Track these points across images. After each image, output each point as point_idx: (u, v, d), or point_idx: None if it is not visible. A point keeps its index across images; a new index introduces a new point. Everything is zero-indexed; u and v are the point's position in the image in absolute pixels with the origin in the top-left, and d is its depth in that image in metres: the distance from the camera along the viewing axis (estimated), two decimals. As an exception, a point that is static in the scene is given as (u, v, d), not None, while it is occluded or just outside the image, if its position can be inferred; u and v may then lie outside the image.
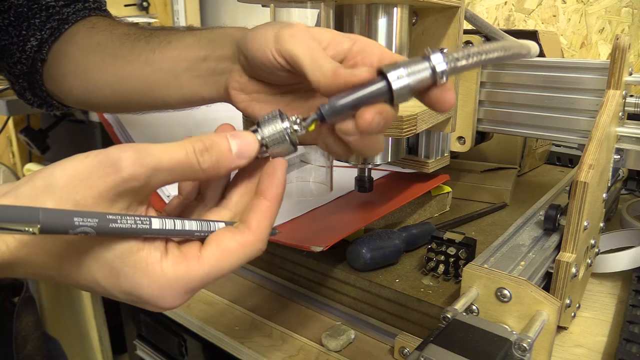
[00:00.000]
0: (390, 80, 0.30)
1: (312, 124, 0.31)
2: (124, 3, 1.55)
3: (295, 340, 0.48)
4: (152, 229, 0.27)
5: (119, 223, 0.25)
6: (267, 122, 0.31)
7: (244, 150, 0.30)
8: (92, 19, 0.55)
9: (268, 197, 0.31)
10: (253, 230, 0.30)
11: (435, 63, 0.30)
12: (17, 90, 0.59)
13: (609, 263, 0.52)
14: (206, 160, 0.29)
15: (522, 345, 0.32)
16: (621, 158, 0.50)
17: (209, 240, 0.30)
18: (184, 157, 0.28)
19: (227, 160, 0.30)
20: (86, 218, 0.24)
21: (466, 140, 0.61)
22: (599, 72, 0.52)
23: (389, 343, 0.46)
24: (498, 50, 0.35)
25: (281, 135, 0.31)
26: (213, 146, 0.29)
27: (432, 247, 0.48)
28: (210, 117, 0.74)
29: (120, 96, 0.49)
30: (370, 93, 0.30)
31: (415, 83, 0.30)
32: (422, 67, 0.30)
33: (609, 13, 0.99)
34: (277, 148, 0.31)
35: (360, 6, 0.49)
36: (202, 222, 0.30)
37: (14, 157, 1.60)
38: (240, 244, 0.29)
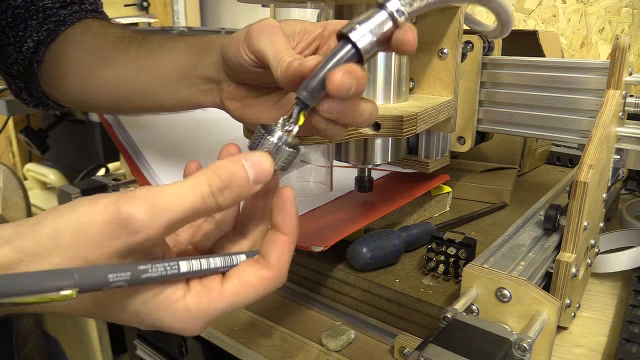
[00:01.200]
0: (354, 40, 0.29)
1: (300, 115, 0.30)
2: (124, 3, 1.55)
3: (295, 340, 0.48)
4: (180, 273, 0.27)
5: (150, 273, 0.25)
6: (259, 142, 0.30)
7: (261, 175, 0.28)
8: (87, 21, 0.55)
9: (286, 232, 0.30)
10: (274, 265, 0.30)
11: (393, 9, 0.29)
12: (13, 90, 0.59)
13: (609, 263, 0.52)
14: (226, 199, 0.27)
15: (522, 345, 0.32)
16: (621, 158, 0.50)
17: (230, 274, 0.30)
18: (200, 202, 0.26)
19: (247, 190, 0.28)
20: (119, 273, 0.24)
21: (466, 140, 0.61)
22: (599, 72, 0.52)
23: (389, 343, 0.46)
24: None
25: (279, 146, 0.30)
26: (232, 181, 0.27)
27: (432, 247, 0.48)
28: (211, 117, 0.74)
29: (117, 99, 0.50)
30: (340, 60, 0.29)
31: (379, 34, 0.29)
32: (381, 17, 0.29)
33: (609, 13, 0.99)
34: (282, 161, 0.30)
35: (360, 6, 0.49)
36: (225, 258, 0.30)
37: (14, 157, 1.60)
38: (261, 279, 0.30)
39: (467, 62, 0.58)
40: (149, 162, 0.65)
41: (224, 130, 0.73)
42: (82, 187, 0.61)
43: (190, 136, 0.71)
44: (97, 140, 1.02)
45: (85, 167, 0.84)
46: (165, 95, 0.45)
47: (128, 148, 0.67)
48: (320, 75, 0.29)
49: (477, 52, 0.57)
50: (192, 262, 0.28)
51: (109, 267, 0.24)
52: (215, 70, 0.41)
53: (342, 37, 0.30)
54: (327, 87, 0.29)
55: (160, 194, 0.25)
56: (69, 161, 1.14)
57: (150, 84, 0.46)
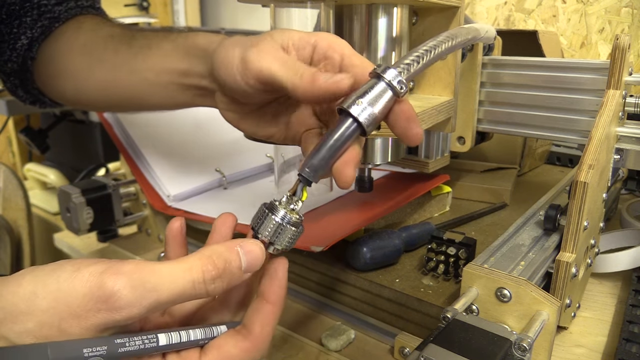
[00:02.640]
0: (355, 115, 0.29)
1: (304, 192, 0.30)
2: (124, 3, 1.55)
3: (295, 340, 0.48)
4: (159, 346, 0.26)
5: (127, 347, 0.24)
6: (262, 222, 0.29)
7: (252, 265, 0.28)
8: (80, 18, 0.55)
9: (271, 301, 0.30)
10: (256, 335, 0.29)
11: (390, 78, 0.29)
12: (9, 88, 0.59)
13: (609, 263, 0.52)
14: (217, 287, 0.27)
15: (522, 345, 0.32)
16: (621, 158, 0.50)
17: (210, 346, 0.28)
18: (190, 288, 0.26)
19: (237, 279, 0.28)
20: (95, 347, 0.23)
21: (466, 140, 0.61)
22: (599, 72, 0.52)
23: (389, 343, 0.46)
24: (445, 41, 0.35)
25: (283, 226, 0.29)
26: (226, 271, 0.27)
27: (432, 247, 0.48)
28: (211, 117, 0.74)
29: (112, 99, 0.49)
30: (342, 137, 0.29)
31: (380, 107, 0.29)
32: (380, 89, 0.29)
33: (609, 13, 0.99)
34: (286, 241, 0.30)
35: (360, 6, 0.49)
36: (205, 329, 0.29)
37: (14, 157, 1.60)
38: (242, 350, 0.29)
39: (467, 62, 0.58)
40: (149, 162, 0.65)
41: (224, 130, 0.73)
42: (82, 187, 0.61)
43: (190, 136, 0.71)
44: (97, 140, 1.02)
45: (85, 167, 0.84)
46: (160, 97, 0.45)
47: (128, 148, 0.67)
48: (324, 152, 0.29)
49: (477, 52, 0.58)
50: (172, 334, 0.27)
51: (84, 342, 0.23)
52: (208, 81, 0.40)
53: (342, 112, 0.30)
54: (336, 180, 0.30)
55: (150, 273, 0.25)
56: (69, 161, 1.14)
57: (142, 87, 0.45)
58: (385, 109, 0.30)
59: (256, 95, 0.36)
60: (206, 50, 0.39)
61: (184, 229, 0.34)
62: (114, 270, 0.24)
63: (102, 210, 0.62)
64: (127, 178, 0.67)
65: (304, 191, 0.30)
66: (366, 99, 0.29)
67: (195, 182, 0.65)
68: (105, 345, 0.23)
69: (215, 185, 0.67)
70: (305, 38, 0.35)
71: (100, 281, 0.23)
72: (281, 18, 0.45)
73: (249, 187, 0.68)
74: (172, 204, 0.62)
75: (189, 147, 0.70)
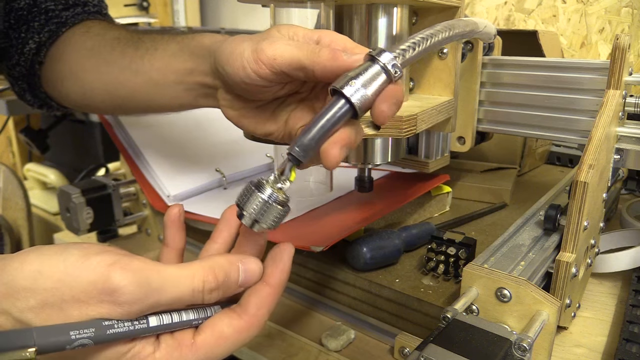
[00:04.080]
0: (348, 95, 0.28)
1: (292, 172, 0.29)
2: (124, 3, 1.55)
3: (295, 340, 0.48)
4: (150, 327, 0.26)
5: (116, 328, 0.24)
6: (247, 199, 0.29)
7: (248, 282, 0.30)
8: (87, 22, 0.55)
9: (271, 283, 0.30)
10: (251, 315, 0.29)
11: (385, 62, 0.29)
12: (17, 92, 0.59)
13: (609, 263, 0.52)
14: (212, 298, 0.28)
15: (522, 345, 0.32)
16: (621, 158, 0.50)
17: (204, 326, 0.29)
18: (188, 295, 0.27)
19: (232, 292, 0.29)
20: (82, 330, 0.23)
21: (466, 140, 0.61)
22: (599, 72, 0.52)
23: (389, 343, 0.46)
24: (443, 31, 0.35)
25: (267, 204, 0.29)
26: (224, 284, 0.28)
27: (432, 247, 0.48)
28: (211, 117, 0.74)
29: (117, 102, 0.49)
30: (334, 117, 0.29)
31: (373, 90, 0.29)
32: (374, 71, 0.29)
33: (609, 13, 0.99)
34: (270, 219, 0.29)
35: (360, 6, 0.49)
36: (198, 310, 0.29)
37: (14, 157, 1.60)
38: (236, 330, 0.28)
39: (467, 62, 0.58)
40: (149, 162, 0.65)
41: (224, 130, 0.73)
42: (82, 187, 0.61)
43: (190, 136, 0.71)
44: (97, 140, 1.02)
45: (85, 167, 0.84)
46: (164, 98, 0.45)
47: (128, 148, 0.67)
48: (314, 132, 0.28)
49: (477, 52, 0.58)
50: (163, 316, 0.27)
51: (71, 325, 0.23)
52: (211, 78, 0.41)
53: (335, 92, 0.29)
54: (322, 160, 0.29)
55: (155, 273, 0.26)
56: (69, 161, 1.14)
57: (147, 88, 0.46)
58: (378, 92, 0.29)
59: (263, 88, 0.35)
60: (210, 48, 0.40)
61: (182, 215, 0.35)
62: (122, 264, 0.25)
63: (102, 210, 0.62)
64: (127, 178, 0.67)
65: (293, 171, 0.29)
66: (360, 81, 0.28)
67: (195, 182, 0.65)
68: (93, 328, 0.23)
69: (215, 185, 0.67)
70: (309, 34, 0.35)
71: (107, 273, 0.24)
72: (281, 18, 0.45)
73: (249, 187, 0.68)
74: (172, 204, 0.62)
75: (189, 147, 0.70)
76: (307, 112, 0.38)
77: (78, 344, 0.23)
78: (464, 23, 0.39)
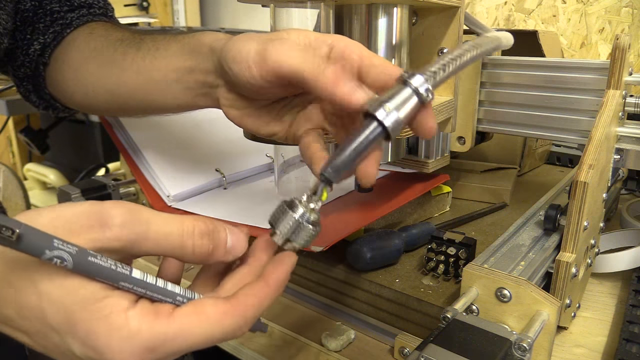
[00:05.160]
0: (381, 119, 0.29)
1: (324, 192, 0.30)
2: (124, 3, 1.55)
3: (295, 340, 0.48)
4: (131, 277, 0.25)
5: (98, 259, 0.24)
6: (280, 217, 0.29)
7: (236, 247, 0.29)
8: (92, 24, 0.55)
9: (269, 282, 0.29)
10: (239, 302, 0.27)
11: (417, 85, 0.29)
12: (22, 93, 0.60)
13: (609, 263, 0.52)
14: (204, 244, 0.27)
15: (522, 345, 0.32)
16: (621, 158, 0.50)
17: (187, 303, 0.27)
18: (177, 234, 0.26)
19: (220, 252, 0.28)
20: (66, 243, 0.23)
21: (466, 140, 0.61)
22: (599, 72, 0.52)
23: (389, 343, 0.46)
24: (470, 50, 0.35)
25: (300, 223, 0.29)
26: (213, 233, 0.28)
27: (432, 247, 0.48)
28: (211, 117, 0.74)
29: (119, 102, 0.50)
30: (366, 140, 0.29)
31: (405, 113, 0.29)
32: (406, 94, 0.29)
33: (609, 13, 0.99)
34: (302, 239, 0.30)
35: (360, 6, 0.49)
36: (187, 290, 0.28)
37: (14, 157, 1.60)
38: (220, 312, 0.26)
39: (467, 62, 0.58)
40: (149, 162, 0.65)
41: (224, 130, 0.73)
42: (82, 187, 0.61)
43: (190, 136, 0.71)
44: (97, 140, 1.02)
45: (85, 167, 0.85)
46: (164, 98, 0.45)
47: (128, 148, 0.67)
48: (347, 155, 0.29)
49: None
50: (147, 274, 0.26)
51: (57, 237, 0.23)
52: (212, 75, 0.40)
53: (368, 115, 0.29)
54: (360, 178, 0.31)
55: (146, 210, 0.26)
56: (69, 161, 1.14)
57: (148, 88, 0.46)
58: (410, 115, 0.30)
59: (269, 90, 0.35)
60: (212, 46, 0.39)
61: None
62: (115, 202, 0.26)
63: (102, 210, 0.62)
64: (127, 178, 0.67)
65: (324, 191, 0.30)
66: (392, 104, 0.29)
67: (195, 182, 0.65)
68: (77, 247, 0.23)
69: (215, 185, 0.67)
70: (321, 38, 0.35)
71: (100, 204, 0.25)
72: (281, 18, 0.45)
73: (249, 187, 0.68)
74: (172, 204, 0.62)
75: (189, 147, 0.70)
76: (316, 113, 0.37)
77: (57, 255, 0.23)
78: (489, 40, 0.40)
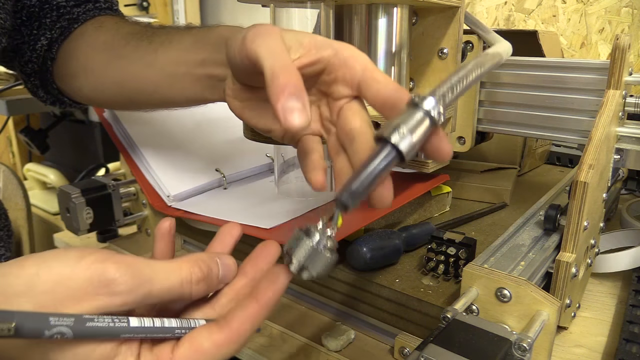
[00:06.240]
0: (395, 142, 0.29)
1: (340, 218, 0.30)
2: (124, 3, 1.55)
3: (295, 340, 0.48)
4: (130, 327, 0.26)
5: (95, 322, 0.24)
6: (296, 245, 0.29)
7: (226, 277, 0.31)
8: (100, 18, 0.56)
9: (260, 301, 0.29)
10: (232, 329, 0.28)
11: (429, 108, 0.29)
12: (29, 89, 0.60)
13: (609, 263, 0.52)
14: (200, 289, 0.29)
15: (522, 345, 0.32)
16: (621, 158, 0.50)
17: (184, 339, 0.28)
18: (178, 286, 0.28)
19: (213, 286, 0.30)
20: (62, 317, 0.23)
21: (466, 140, 0.61)
22: (599, 72, 0.52)
23: (389, 343, 0.46)
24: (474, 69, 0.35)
25: (318, 251, 0.29)
26: (208, 276, 0.29)
27: (432, 247, 0.48)
28: (211, 117, 0.74)
29: (127, 95, 0.50)
30: (381, 164, 0.29)
31: (419, 136, 0.29)
32: (418, 117, 0.29)
33: (609, 13, 0.99)
34: (319, 266, 0.29)
35: (360, 6, 0.49)
36: (182, 320, 0.29)
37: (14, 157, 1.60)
38: (214, 344, 0.28)
39: (467, 61, 0.58)
40: (149, 162, 0.65)
41: (224, 130, 0.73)
42: (82, 187, 0.61)
43: (190, 136, 0.71)
44: (97, 140, 1.02)
45: (85, 167, 0.84)
46: (173, 90, 0.45)
47: (128, 148, 0.67)
48: (362, 180, 0.29)
49: (477, 52, 0.58)
50: (144, 319, 0.27)
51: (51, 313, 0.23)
52: (223, 67, 0.41)
53: (381, 140, 0.29)
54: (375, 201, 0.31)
55: (146, 265, 0.26)
56: (69, 161, 1.14)
57: (158, 80, 0.46)
58: (424, 138, 0.30)
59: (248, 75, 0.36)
60: (226, 37, 0.40)
61: (173, 229, 0.35)
62: (116, 259, 0.26)
63: (102, 210, 0.62)
64: (127, 178, 0.67)
65: (340, 217, 0.30)
66: (406, 128, 0.29)
67: (195, 182, 0.65)
68: (73, 317, 0.23)
69: (215, 185, 0.67)
70: (328, 42, 0.34)
71: (103, 267, 0.25)
72: (281, 18, 0.45)
73: (249, 187, 0.68)
74: (172, 204, 0.62)
75: (189, 147, 0.70)
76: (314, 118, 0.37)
77: (56, 331, 0.23)
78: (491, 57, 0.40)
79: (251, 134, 0.44)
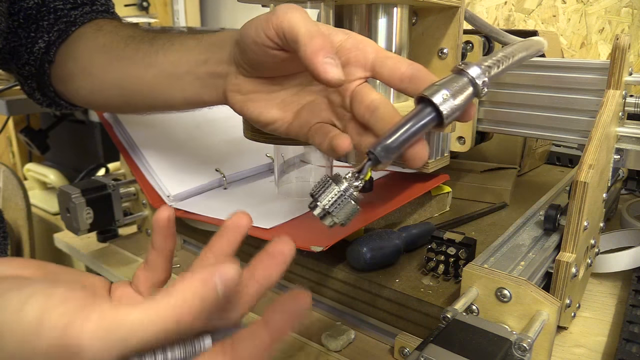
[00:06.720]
0: (437, 103, 0.28)
1: (369, 171, 0.29)
2: (124, 3, 1.55)
3: (295, 340, 0.48)
4: None
5: None
6: (323, 190, 0.29)
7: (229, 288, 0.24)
8: (98, 21, 0.56)
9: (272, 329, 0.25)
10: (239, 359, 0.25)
11: (474, 75, 0.29)
12: (26, 91, 0.60)
13: (609, 263, 0.52)
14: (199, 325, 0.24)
15: (522, 345, 0.32)
16: (621, 158, 0.50)
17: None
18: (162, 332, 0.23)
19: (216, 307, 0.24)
20: None
21: (466, 140, 0.61)
22: (599, 72, 0.52)
23: (389, 343, 0.46)
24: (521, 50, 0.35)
25: (344, 197, 0.29)
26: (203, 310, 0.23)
27: (432, 247, 0.48)
28: (210, 118, 0.74)
29: (125, 97, 0.50)
30: (419, 123, 0.29)
31: (460, 101, 0.29)
32: (462, 83, 0.29)
33: (609, 13, 0.99)
34: (343, 213, 0.29)
35: (360, 6, 0.49)
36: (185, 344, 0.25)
37: (14, 157, 1.60)
38: None
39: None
40: (149, 162, 0.65)
41: (224, 131, 0.73)
42: (82, 187, 0.61)
43: (190, 136, 0.71)
44: (97, 140, 1.02)
45: (85, 167, 0.84)
46: (171, 91, 0.45)
47: (128, 148, 0.67)
48: (399, 136, 0.28)
49: (477, 52, 0.58)
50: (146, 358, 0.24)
51: None
52: (225, 64, 0.41)
53: (422, 100, 0.29)
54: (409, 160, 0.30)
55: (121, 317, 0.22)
56: (69, 161, 1.14)
57: (157, 81, 0.46)
58: (465, 104, 0.29)
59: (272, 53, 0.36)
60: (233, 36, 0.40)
61: (172, 219, 0.31)
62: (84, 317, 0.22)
63: (102, 210, 0.62)
64: (127, 178, 0.67)
65: (369, 170, 0.30)
66: (449, 91, 0.28)
67: (195, 182, 0.65)
68: None
69: (215, 185, 0.67)
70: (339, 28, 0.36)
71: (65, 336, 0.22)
72: (281, 18, 0.45)
73: (249, 187, 0.68)
74: (172, 204, 0.62)
75: (189, 147, 0.70)
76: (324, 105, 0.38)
77: None
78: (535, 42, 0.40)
79: (251, 134, 0.44)
